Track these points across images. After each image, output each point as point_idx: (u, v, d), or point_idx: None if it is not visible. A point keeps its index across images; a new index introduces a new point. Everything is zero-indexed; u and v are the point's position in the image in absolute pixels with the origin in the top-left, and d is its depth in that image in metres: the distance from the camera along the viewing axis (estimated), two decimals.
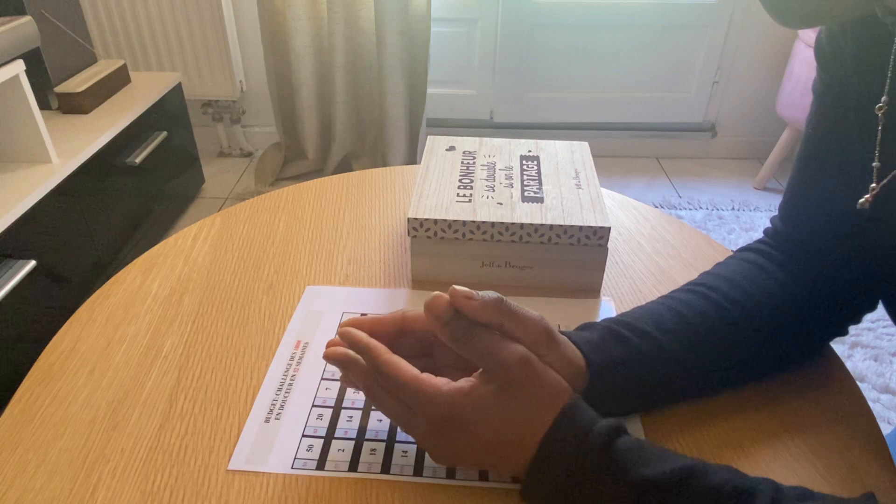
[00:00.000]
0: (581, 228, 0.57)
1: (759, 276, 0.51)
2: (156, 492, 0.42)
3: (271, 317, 0.57)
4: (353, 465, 0.43)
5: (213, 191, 2.12)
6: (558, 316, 0.57)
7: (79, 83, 1.57)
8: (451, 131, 2.27)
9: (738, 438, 0.46)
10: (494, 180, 0.64)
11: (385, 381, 0.40)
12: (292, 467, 0.43)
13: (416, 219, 0.58)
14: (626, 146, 2.33)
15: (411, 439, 0.45)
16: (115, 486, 0.42)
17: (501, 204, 0.60)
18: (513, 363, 0.38)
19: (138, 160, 1.61)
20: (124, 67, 1.75)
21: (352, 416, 0.47)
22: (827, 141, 0.49)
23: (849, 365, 1.40)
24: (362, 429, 0.46)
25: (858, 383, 0.55)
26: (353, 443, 0.45)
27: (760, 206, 2.06)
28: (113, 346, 0.53)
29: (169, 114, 1.83)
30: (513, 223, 0.57)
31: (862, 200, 0.43)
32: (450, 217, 0.58)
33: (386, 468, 0.43)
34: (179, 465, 0.44)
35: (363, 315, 0.57)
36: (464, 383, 0.38)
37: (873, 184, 0.43)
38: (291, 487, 0.42)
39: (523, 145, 0.71)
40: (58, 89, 1.55)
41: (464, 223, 0.58)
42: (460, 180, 0.64)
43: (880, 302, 0.51)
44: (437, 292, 0.40)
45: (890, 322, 1.24)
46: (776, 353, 0.50)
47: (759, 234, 0.56)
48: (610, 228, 0.57)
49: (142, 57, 2.04)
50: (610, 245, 0.63)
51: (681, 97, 2.25)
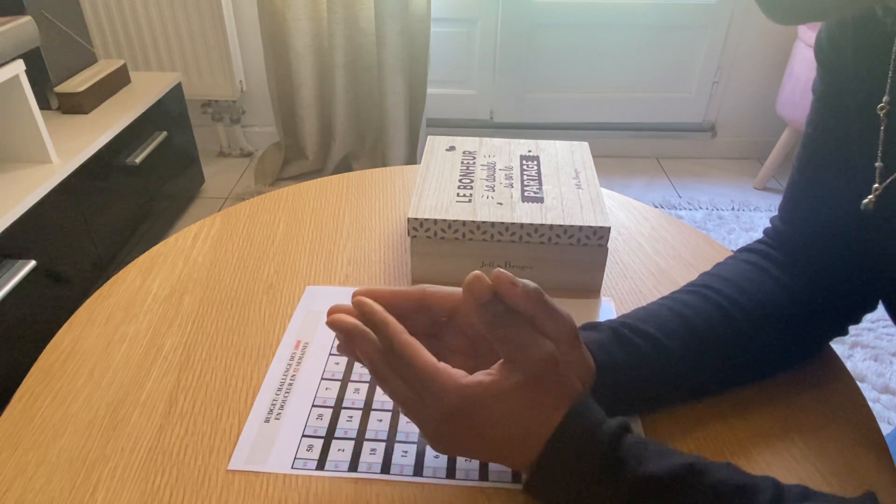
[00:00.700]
0: (581, 228, 0.57)
1: (759, 276, 0.51)
2: (156, 492, 0.42)
3: (271, 317, 0.57)
4: (353, 465, 0.43)
5: (213, 191, 2.12)
6: None
7: (79, 83, 1.57)
8: (451, 131, 2.27)
9: (738, 438, 0.46)
10: (494, 180, 0.64)
11: (398, 363, 0.38)
12: (292, 467, 0.43)
13: (416, 219, 0.58)
14: (626, 146, 2.33)
15: (411, 439, 0.45)
16: (115, 486, 0.42)
17: (501, 204, 0.60)
18: (539, 359, 0.37)
19: (138, 160, 1.61)
20: (124, 67, 1.75)
21: (352, 416, 0.47)
22: (827, 141, 0.49)
23: (849, 365, 1.40)
24: (362, 429, 0.46)
25: (858, 383, 0.55)
26: (353, 443, 0.45)
27: (760, 206, 2.06)
28: (113, 346, 0.53)
29: (169, 114, 1.83)
30: (513, 223, 0.57)
31: (866, 201, 0.43)
32: (450, 217, 0.58)
33: (386, 468, 0.43)
34: (179, 465, 0.44)
35: None
36: (483, 377, 0.37)
37: (876, 184, 0.43)
38: (291, 487, 0.42)
39: (523, 145, 0.71)
40: (58, 89, 1.55)
41: (464, 223, 0.58)
42: (460, 180, 0.64)
43: (880, 302, 0.51)
44: (477, 272, 0.38)
45: (890, 322, 1.24)
46: (776, 353, 0.50)
47: (759, 234, 0.56)
48: (610, 228, 0.57)
49: (142, 57, 2.04)
50: (610, 245, 0.63)
51: (681, 97, 2.25)
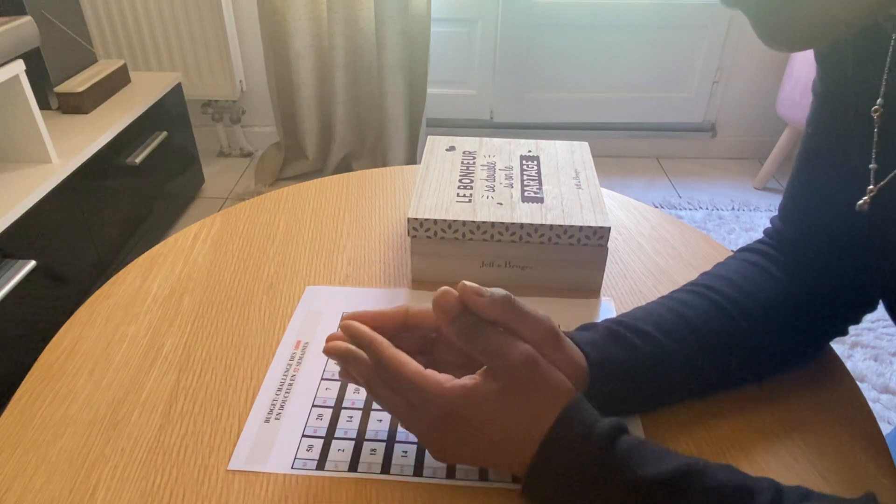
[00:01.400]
0: (581, 228, 0.57)
1: (758, 276, 0.51)
2: (156, 492, 0.42)
3: (271, 317, 0.57)
4: (353, 465, 0.43)
5: (213, 191, 2.12)
6: (558, 316, 0.57)
7: (79, 83, 1.57)
8: (451, 131, 2.27)
9: (738, 438, 0.46)
10: (494, 180, 0.64)
11: (387, 377, 0.39)
12: (292, 467, 0.43)
13: (416, 219, 0.58)
14: (626, 146, 2.33)
15: (411, 439, 0.45)
16: (115, 486, 0.42)
17: (501, 204, 0.60)
18: (518, 362, 0.38)
19: (138, 160, 1.61)
20: (124, 67, 1.75)
21: (352, 416, 0.47)
22: (826, 141, 0.49)
23: (849, 365, 1.40)
24: (362, 429, 0.46)
25: (858, 383, 0.54)
26: (353, 443, 0.45)
27: (760, 206, 2.06)
28: (113, 346, 0.53)
29: (169, 114, 1.83)
30: (513, 223, 0.57)
31: (860, 202, 0.43)
32: (450, 217, 0.58)
33: (386, 468, 0.43)
34: (179, 465, 0.44)
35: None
36: (467, 381, 0.38)
37: (871, 185, 0.43)
38: (291, 487, 0.42)
39: (523, 145, 0.71)
40: (58, 89, 1.55)
41: (464, 223, 0.58)
42: (460, 180, 0.64)
43: (880, 302, 0.51)
44: (445, 287, 0.39)
45: (890, 322, 1.24)
46: (776, 353, 0.50)
47: (759, 234, 0.56)
48: (610, 228, 0.57)
49: (142, 57, 2.04)
50: (610, 245, 0.63)
51: (681, 97, 2.25)
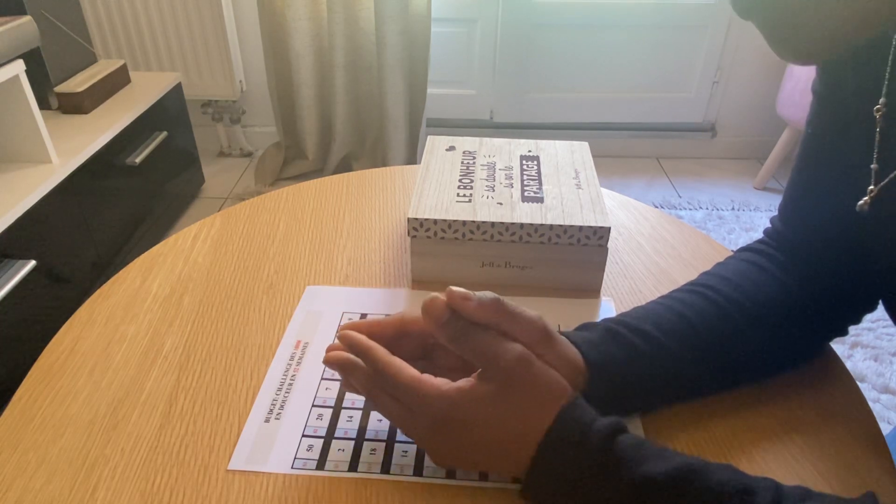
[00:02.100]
0: (581, 228, 0.57)
1: (758, 276, 0.51)
2: (156, 492, 0.42)
3: (271, 317, 0.57)
4: (353, 465, 0.43)
5: (213, 191, 2.12)
6: (558, 316, 0.57)
7: (79, 83, 1.57)
8: (451, 131, 2.27)
9: (738, 438, 0.46)
10: (494, 180, 0.64)
11: (385, 383, 0.40)
12: (292, 467, 0.43)
13: (416, 219, 0.58)
14: (626, 146, 2.33)
15: (412, 439, 0.45)
16: (115, 486, 0.42)
17: (501, 204, 0.60)
18: (511, 362, 0.38)
19: (138, 160, 1.61)
20: (124, 67, 1.75)
21: (352, 416, 0.47)
22: (826, 142, 0.49)
23: (849, 365, 1.40)
24: (362, 429, 0.46)
25: (858, 383, 0.54)
26: (353, 443, 0.45)
27: (760, 206, 2.06)
28: (113, 346, 0.53)
29: (169, 114, 1.83)
30: (513, 223, 0.57)
31: (861, 203, 0.43)
32: (450, 217, 0.58)
33: (386, 468, 0.43)
34: (179, 465, 0.44)
35: (363, 316, 0.57)
36: (463, 383, 0.38)
37: (871, 186, 0.43)
38: (291, 487, 0.42)
39: (523, 145, 0.71)
40: (58, 89, 1.55)
41: (464, 223, 0.58)
42: (460, 180, 0.64)
43: (880, 302, 0.51)
44: (433, 294, 0.40)
45: (890, 322, 1.24)
46: (776, 353, 0.50)
47: (759, 234, 0.56)
48: (610, 228, 0.57)
49: (142, 57, 2.04)
50: (610, 245, 0.63)
51: (681, 97, 2.25)
